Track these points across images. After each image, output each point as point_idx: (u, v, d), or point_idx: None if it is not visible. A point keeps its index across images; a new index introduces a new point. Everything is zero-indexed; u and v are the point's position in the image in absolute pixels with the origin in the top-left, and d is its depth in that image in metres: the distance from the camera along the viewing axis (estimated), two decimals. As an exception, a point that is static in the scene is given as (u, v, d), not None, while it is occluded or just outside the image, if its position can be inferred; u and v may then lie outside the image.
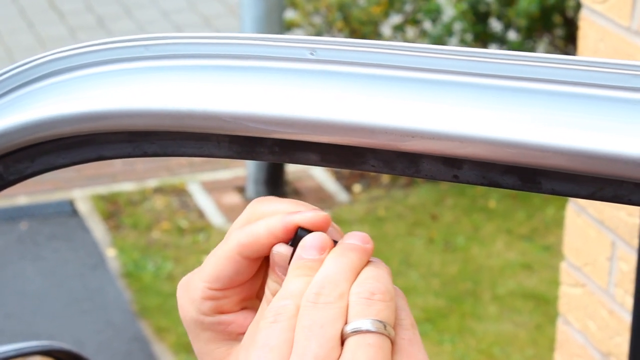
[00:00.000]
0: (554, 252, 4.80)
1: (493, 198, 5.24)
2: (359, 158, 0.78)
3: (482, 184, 0.75)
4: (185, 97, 0.78)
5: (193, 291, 0.77)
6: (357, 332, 0.69)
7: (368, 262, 0.73)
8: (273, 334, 0.69)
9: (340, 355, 0.68)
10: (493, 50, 0.73)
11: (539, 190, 0.73)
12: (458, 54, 0.73)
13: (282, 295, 0.71)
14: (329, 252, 0.73)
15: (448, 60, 0.73)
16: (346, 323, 0.69)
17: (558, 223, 4.92)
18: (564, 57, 0.72)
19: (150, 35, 0.80)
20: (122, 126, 0.80)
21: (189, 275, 0.78)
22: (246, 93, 0.77)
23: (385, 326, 0.69)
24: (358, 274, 0.72)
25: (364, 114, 0.74)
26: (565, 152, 0.70)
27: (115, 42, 0.79)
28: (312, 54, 0.76)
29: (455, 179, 0.75)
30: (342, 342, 0.69)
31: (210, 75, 0.78)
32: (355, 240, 0.74)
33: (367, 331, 0.69)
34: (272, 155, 0.80)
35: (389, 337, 0.69)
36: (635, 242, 1.93)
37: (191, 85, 0.78)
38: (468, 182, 0.75)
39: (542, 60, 0.71)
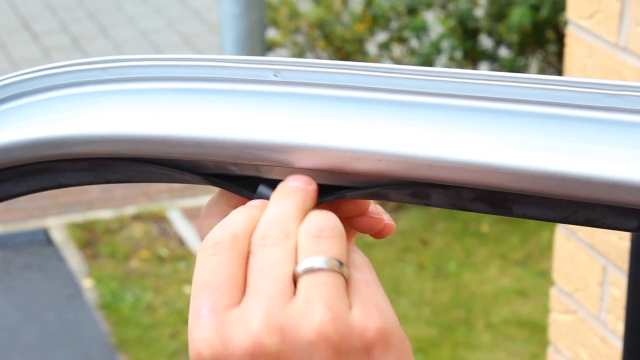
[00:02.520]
0: (550, 277, 4.75)
1: (486, 222, 5.19)
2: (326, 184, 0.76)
3: (452, 208, 0.73)
4: (144, 121, 0.76)
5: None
6: (309, 271, 0.67)
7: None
8: (215, 269, 0.68)
9: (294, 295, 0.67)
10: (461, 70, 0.72)
11: (511, 214, 0.71)
12: (424, 74, 0.72)
13: (219, 226, 0.71)
14: None
15: (414, 80, 0.72)
16: (297, 263, 0.68)
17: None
18: (534, 77, 0.70)
19: (108, 58, 0.78)
20: (80, 153, 0.78)
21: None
22: (207, 117, 0.75)
23: (338, 264, 0.68)
24: (304, 215, 0.71)
25: (330, 137, 0.73)
26: (535, 175, 0.68)
27: (72, 65, 0.77)
28: (275, 75, 0.74)
29: (426, 203, 0.73)
30: (296, 283, 0.68)
31: (171, 99, 0.76)
32: (298, 182, 0.73)
33: (320, 269, 0.67)
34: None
35: (342, 274, 0.68)
36: (627, 267, 1.90)
37: (151, 109, 0.76)
38: (438, 206, 0.73)
39: (510, 80, 0.70)
